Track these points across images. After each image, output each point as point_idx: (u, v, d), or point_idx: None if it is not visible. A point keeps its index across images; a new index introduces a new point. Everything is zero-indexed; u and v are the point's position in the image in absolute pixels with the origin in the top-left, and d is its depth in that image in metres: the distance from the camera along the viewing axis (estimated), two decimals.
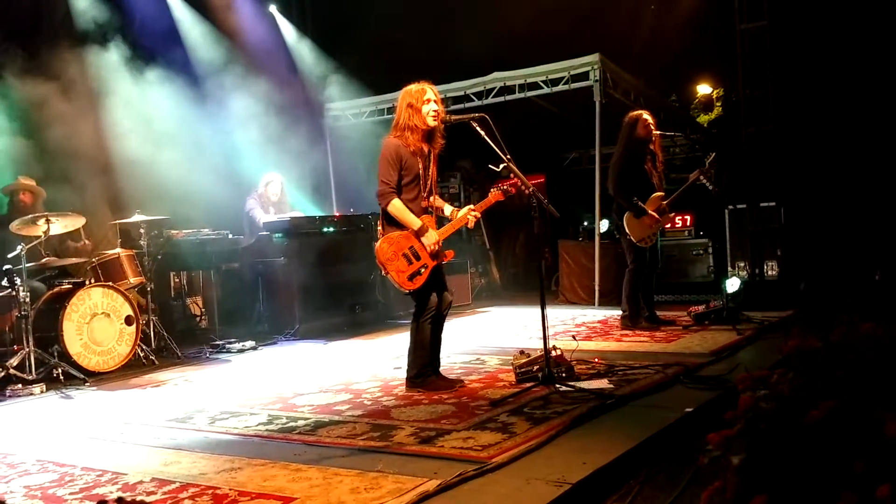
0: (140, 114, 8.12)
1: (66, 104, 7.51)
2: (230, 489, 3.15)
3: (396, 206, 4.71)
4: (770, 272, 8.89)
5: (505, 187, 4.92)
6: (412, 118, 4.72)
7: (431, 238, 4.73)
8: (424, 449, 3.53)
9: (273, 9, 11.24)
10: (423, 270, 4.73)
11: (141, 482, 3.33)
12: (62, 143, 7.34)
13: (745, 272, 8.81)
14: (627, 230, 6.70)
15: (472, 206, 4.99)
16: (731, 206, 9.07)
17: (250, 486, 3.18)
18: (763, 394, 1.81)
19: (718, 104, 13.22)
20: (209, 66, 9.60)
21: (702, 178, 6.84)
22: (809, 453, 1.59)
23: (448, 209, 5.03)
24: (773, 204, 8.84)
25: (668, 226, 9.56)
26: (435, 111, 4.76)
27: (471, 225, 5.03)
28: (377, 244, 4.76)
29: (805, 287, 8.24)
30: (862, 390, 1.68)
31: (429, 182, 4.87)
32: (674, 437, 3.68)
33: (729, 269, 9.11)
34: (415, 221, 4.71)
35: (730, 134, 10.11)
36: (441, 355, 5.06)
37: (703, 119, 13.20)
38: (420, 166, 4.78)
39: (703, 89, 13.60)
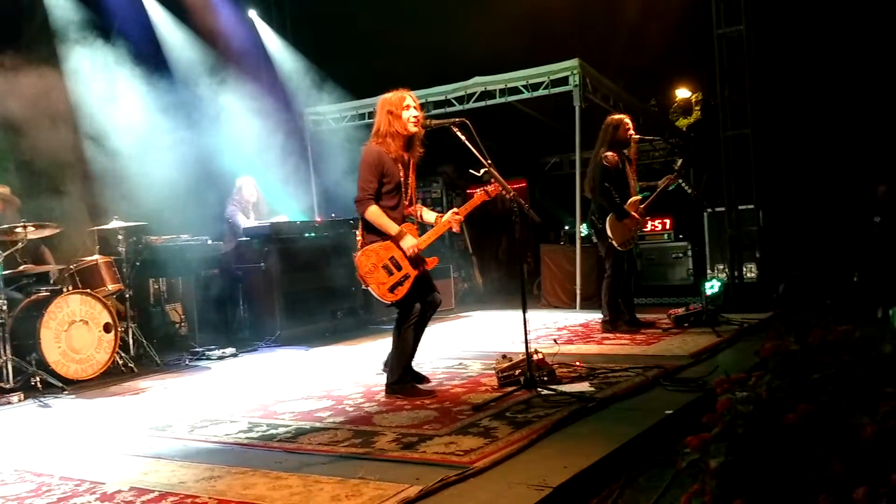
0: (118, 119, 8.05)
1: (43, 110, 7.43)
2: (209, 498, 3.12)
3: (373, 213, 4.68)
4: (749, 274, 8.95)
5: (490, 189, 4.92)
6: (392, 124, 4.70)
7: (409, 243, 4.70)
8: (406, 455, 3.52)
9: (252, 13, 11.20)
10: (405, 281, 4.71)
11: (119, 491, 3.30)
12: (38, 149, 7.27)
13: (725, 275, 8.87)
14: (610, 234, 6.70)
15: (455, 210, 4.98)
16: (709, 209, 9.13)
17: (230, 494, 3.16)
18: (741, 396, 1.82)
19: (697, 108, 13.34)
20: (188, 70, 9.55)
21: (681, 182, 6.89)
22: (787, 456, 1.60)
23: (432, 216, 5.02)
24: (751, 207, 8.91)
25: (648, 228, 9.63)
26: (415, 117, 4.75)
27: (456, 228, 5.00)
28: (357, 256, 4.72)
29: (784, 289, 8.31)
30: (839, 392, 1.70)
31: (409, 190, 4.86)
32: (654, 440, 3.69)
33: (708, 271, 9.17)
34: (392, 227, 4.69)
35: (708, 137, 10.18)
36: (424, 360, 5.05)
37: (682, 123, 13.31)
38: (401, 174, 4.77)
39: (682, 93, 13.72)
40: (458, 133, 4.75)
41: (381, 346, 6.76)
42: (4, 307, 5.72)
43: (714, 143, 9.28)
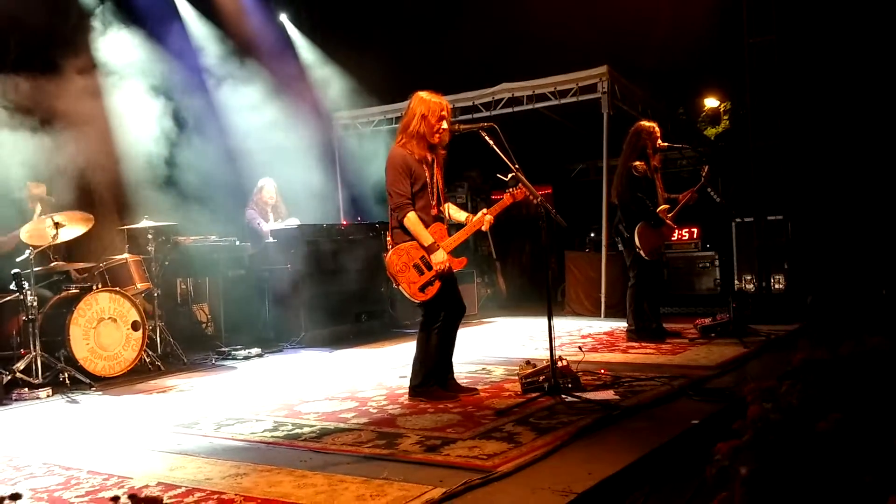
0: (150, 121, 8.14)
1: (77, 110, 7.54)
2: (235, 494, 3.15)
3: (411, 220, 4.68)
4: (777, 286, 8.87)
5: (517, 192, 4.92)
6: (422, 128, 4.72)
7: (439, 258, 4.69)
8: (430, 457, 3.53)
9: (284, 17, 11.29)
10: (434, 280, 4.73)
11: (147, 486, 3.34)
12: (72, 148, 7.37)
13: (752, 285, 8.80)
14: (639, 243, 6.65)
15: (485, 210, 4.99)
16: (737, 219, 9.06)
17: (255, 491, 3.18)
18: (772, 405, 1.81)
19: (726, 117, 13.23)
20: (220, 73, 9.65)
21: (709, 190, 6.84)
22: (818, 465, 1.59)
23: (462, 215, 5.04)
24: (780, 217, 8.83)
25: (675, 237, 9.58)
26: (444, 130, 4.76)
27: (485, 228, 5.01)
28: (388, 255, 4.74)
29: (812, 301, 8.22)
30: (871, 403, 1.68)
31: (436, 189, 4.87)
32: (679, 450, 3.67)
33: (735, 282, 9.11)
34: (426, 238, 4.68)
35: (737, 147, 10.11)
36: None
37: (711, 132, 13.20)
38: (427, 174, 4.79)
39: (711, 102, 13.62)
40: (487, 138, 4.76)
41: (404, 350, 6.79)
42: (35, 303, 5.81)
43: (743, 152, 9.21)
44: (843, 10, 9.30)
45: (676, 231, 9.30)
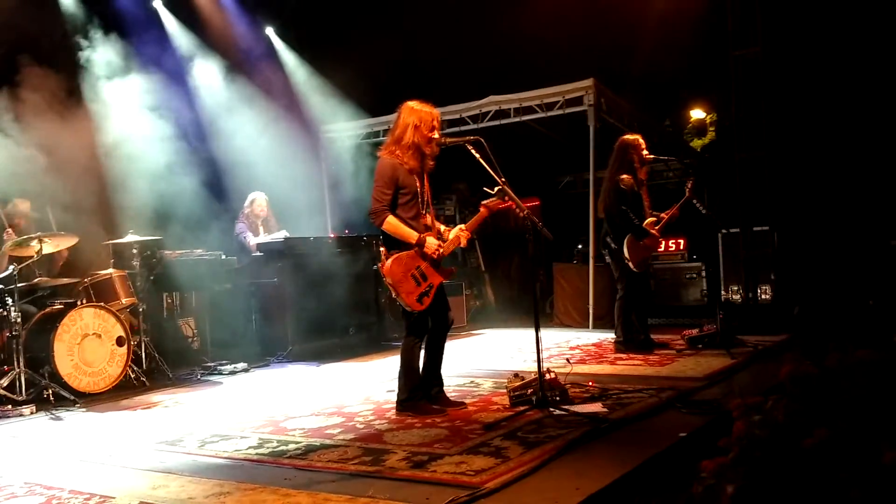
0: (134, 134, 8.10)
1: (60, 124, 7.49)
2: None
3: (391, 223, 4.68)
4: (764, 296, 8.90)
5: (491, 203, 4.90)
6: (416, 138, 4.71)
7: (432, 244, 4.69)
8: (416, 474, 3.50)
9: (270, 30, 11.29)
10: (430, 290, 4.71)
11: None
12: (56, 162, 7.31)
13: (739, 296, 8.83)
14: (627, 255, 6.67)
15: (462, 226, 4.98)
16: (724, 230, 9.09)
17: None
18: (757, 420, 1.79)
19: (712, 129, 13.28)
20: (205, 86, 9.63)
21: (695, 202, 6.86)
22: (805, 481, 1.58)
23: (441, 229, 5.02)
24: (766, 228, 8.86)
25: (661, 249, 9.59)
26: (434, 140, 4.76)
27: (463, 244, 5.00)
28: (386, 264, 4.66)
29: (799, 311, 8.24)
30: (858, 417, 1.67)
31: (425, 199, 4.86)
32: (667, 463, 3.65)
33: (722, 292, 9.13)
34: (411, 234, 4.68)
35: (723, 159, 10.16)
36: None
37: (697, 144, 13.25)
38: (417, 184, 4.78)
39: (697, 114, 13.68)
40: (473, 151, 4.75)
41: (392, 363, 6.71)
42: (19, 319, 5.75)
43: (728, 163, 9.25)
44: (828, 21, 9.37)
45: (663, 242, 9.33)
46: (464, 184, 11.69)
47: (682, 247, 9.78)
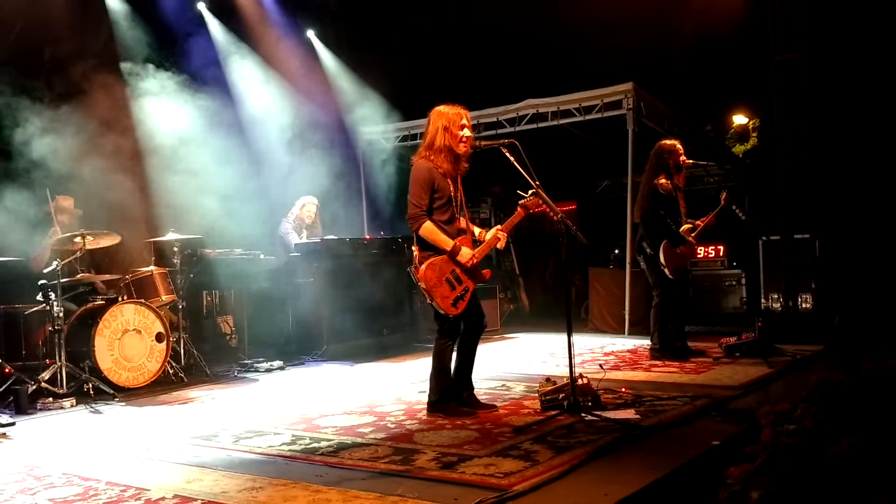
0: (176, 135, 8.24)
1: (105, 124, 7.65)
2: None
3: (428, 228, 4.69)
4: (804, 305, 8.75)
5: (529, 202, 4.89)
6: (445, 140, 4.72)
7: (466, 255, 4.71)
8: (445, 474, 3.51)
9: (311, 34, 11.41)
10: (465, 294, 4.72)
11: (163, 498, 3.36)
12: (100, 162, 7.47)
13: (779, 304, 8.69)
14: (663, 261, 6.61)
15: (499, 227, 4.97)
16: (764, 237, 8.95)
17: None
18: (786, 428, 1.77)
19: (754, 134, 13.09)
20: (246, 88, 9.76)
21: (734, 208, 6.78)
22: (831, 490, 1.56)
23: (476, 231, 5.03)
24: (807, 236, 8.72)
25: (701, 255, 9.49)
26: (468, 137, 4.76)
27: (501, 245, 5.00)
28: (420, 269, 4.65)
29: (839, 321, 8.09)
30: (885, 427, 1.65)
31: (460, 203, 4.87)
32: (699, 471, 3.61)
33: (762, 300, 8.99)
34: (447, 242, 4.69)
35: (764, 164, 10.02)
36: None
37: (739, 149, 13.06)
38: (451, 188, 4.79)
39: (739, 119, 13.49)
40: (508, 154, 4.75)
41: (425, 364, 6.72)
42: (61, 314, 5.89)
43: (769, 170, 9.13)
44: (870, 26, 9.19)
45: (702, 249, 9.23)
46: (499, 187, 11.69)
47: (721, 253, 9.66)
